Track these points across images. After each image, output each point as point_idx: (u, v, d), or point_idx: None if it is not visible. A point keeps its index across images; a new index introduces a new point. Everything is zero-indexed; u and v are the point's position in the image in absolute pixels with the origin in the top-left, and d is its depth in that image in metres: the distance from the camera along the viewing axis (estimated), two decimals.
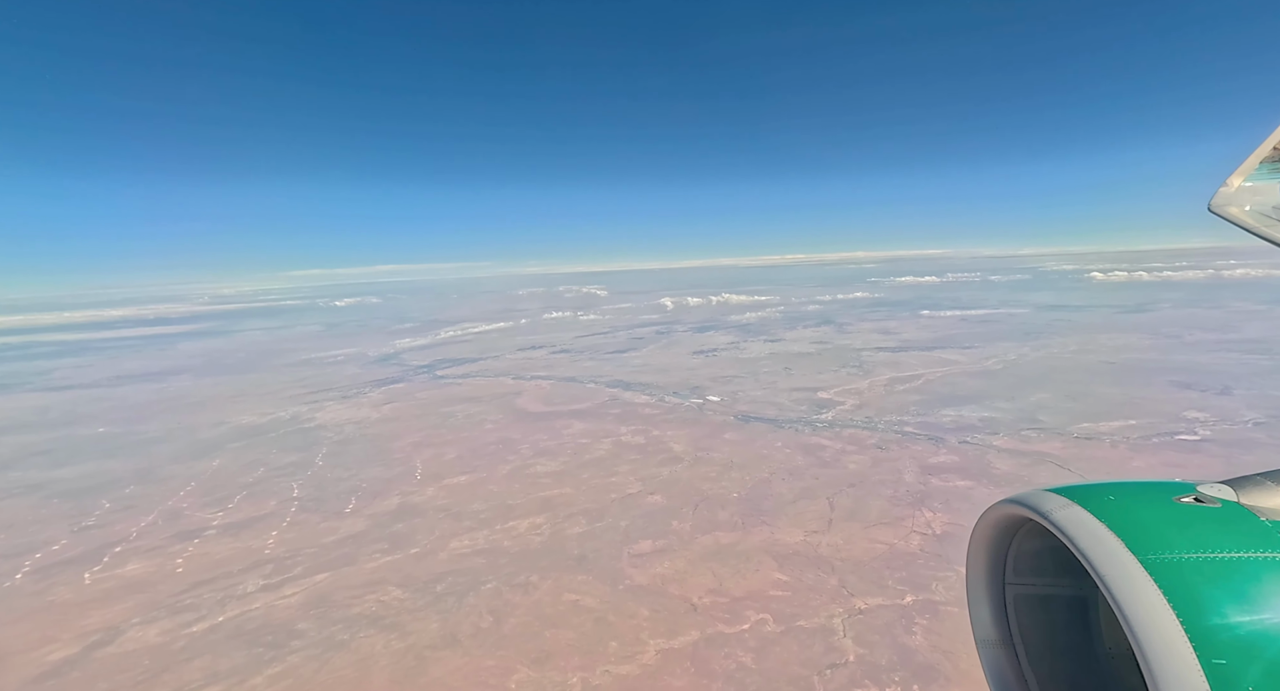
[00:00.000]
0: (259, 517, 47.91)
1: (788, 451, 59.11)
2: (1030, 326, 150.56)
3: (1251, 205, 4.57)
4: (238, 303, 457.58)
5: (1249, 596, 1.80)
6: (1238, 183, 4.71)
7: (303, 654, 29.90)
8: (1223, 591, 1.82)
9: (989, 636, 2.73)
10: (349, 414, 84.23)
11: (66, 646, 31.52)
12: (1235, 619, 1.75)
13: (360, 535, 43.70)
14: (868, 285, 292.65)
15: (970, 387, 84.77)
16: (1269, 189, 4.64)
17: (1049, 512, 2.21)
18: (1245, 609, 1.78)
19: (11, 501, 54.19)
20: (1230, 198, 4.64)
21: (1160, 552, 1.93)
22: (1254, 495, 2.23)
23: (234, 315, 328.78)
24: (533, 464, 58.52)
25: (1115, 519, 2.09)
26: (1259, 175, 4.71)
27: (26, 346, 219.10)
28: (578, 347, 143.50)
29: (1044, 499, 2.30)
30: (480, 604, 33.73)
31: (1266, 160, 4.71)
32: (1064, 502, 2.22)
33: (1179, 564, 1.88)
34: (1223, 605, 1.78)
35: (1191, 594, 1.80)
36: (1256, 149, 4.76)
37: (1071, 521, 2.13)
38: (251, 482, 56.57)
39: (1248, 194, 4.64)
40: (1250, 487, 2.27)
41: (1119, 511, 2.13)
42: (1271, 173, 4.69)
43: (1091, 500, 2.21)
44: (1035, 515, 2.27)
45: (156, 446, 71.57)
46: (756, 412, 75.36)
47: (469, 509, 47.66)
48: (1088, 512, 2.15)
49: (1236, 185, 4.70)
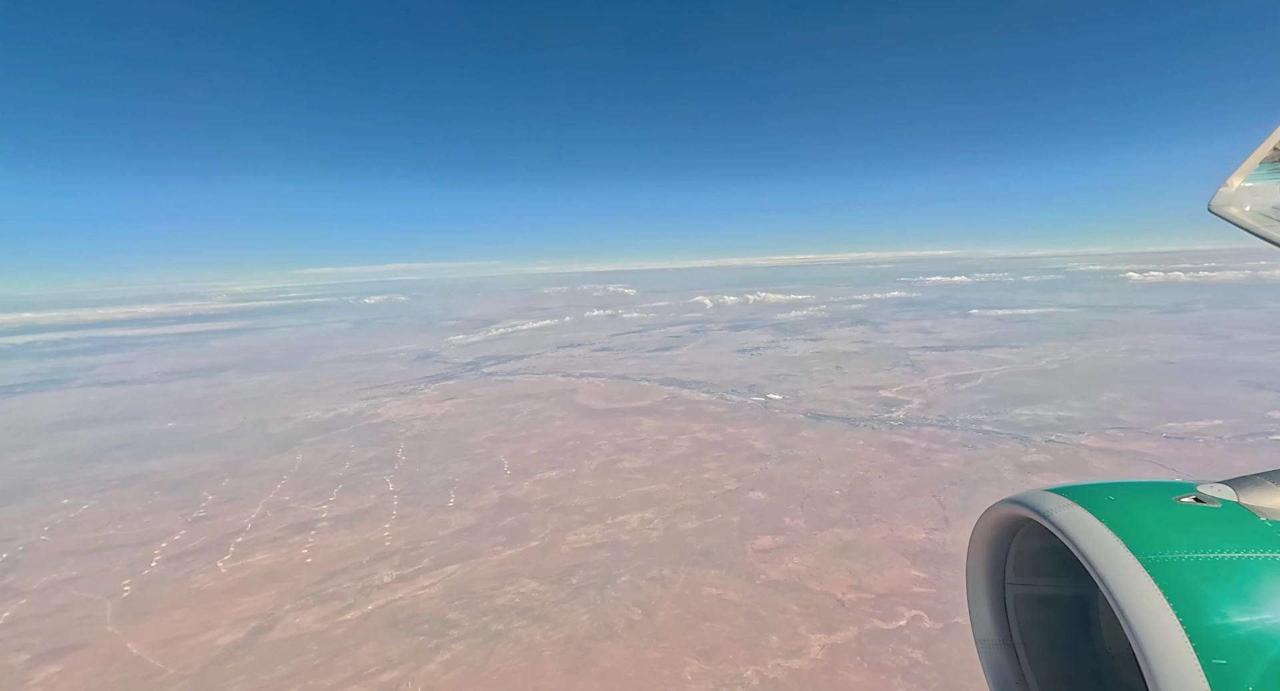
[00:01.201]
0: (365, 511, 48.56)
1: (873, 449, 58.94)
2: (1071, 326, 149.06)
3: (1251, 205, 4.56)
4: (258, 300, 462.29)
5: (1249, 596, 1.80)
6: (1238, 183, 4.68)
7: (465, 642, 30.33)
8: (1223, 591, 1.81)
9: (989, 636, 2.73)
10: (412, 410, 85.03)
11: (229, 631, 32.19)
12: (1235, 619, 1.75)
13: (473, 528, 44.18)
14: (898, 284, 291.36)
15: (1034, 387, 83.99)
16: (1269, 189, 4.62)
17: (1049, 513, 2.21)
18: (1245, 609, 1.77)
19: (114, 493, 55.29)
20: (1230, 198, 4.63)
21: (1160, 552, 1.92)
22: (1254, 495, 2.23)
23: (258, 312, 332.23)
24: (618, 460, 58.81)
25: (1115, 519, 2.08)
26: (1259, 175, 4.69)
27: (62, 343, 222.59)
28: (617, 346, 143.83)
29: (1044, 499, 2.30)
30: (622, 597, 34.01)
31: (1266, 160, 4.69)
32: (1064, 503, 2.23)
33: (1179, 564, 1.88)
34: (1223, 605, 1.78)
35: (1191, 594, 1.80)
36: (1256, 149, 4.74)
37: (1072, 521, 2.13)
38: (343, 477, 57.32)
39: (1248, 194, 4.62)
40: (1250, 487, 2.27)
41: (1119, 511, 2.13)
42: (1271, 173, 4.67)
43: (1091, 500, 2.21)
44: (1035, 515, 2.27)
45: (232, 441, 72.68)
46: (824, 411, 75.17)
47: (572, 503, 48.01)
48: (1088, 513, 2.14)
49: (1236, 185, 4.68)
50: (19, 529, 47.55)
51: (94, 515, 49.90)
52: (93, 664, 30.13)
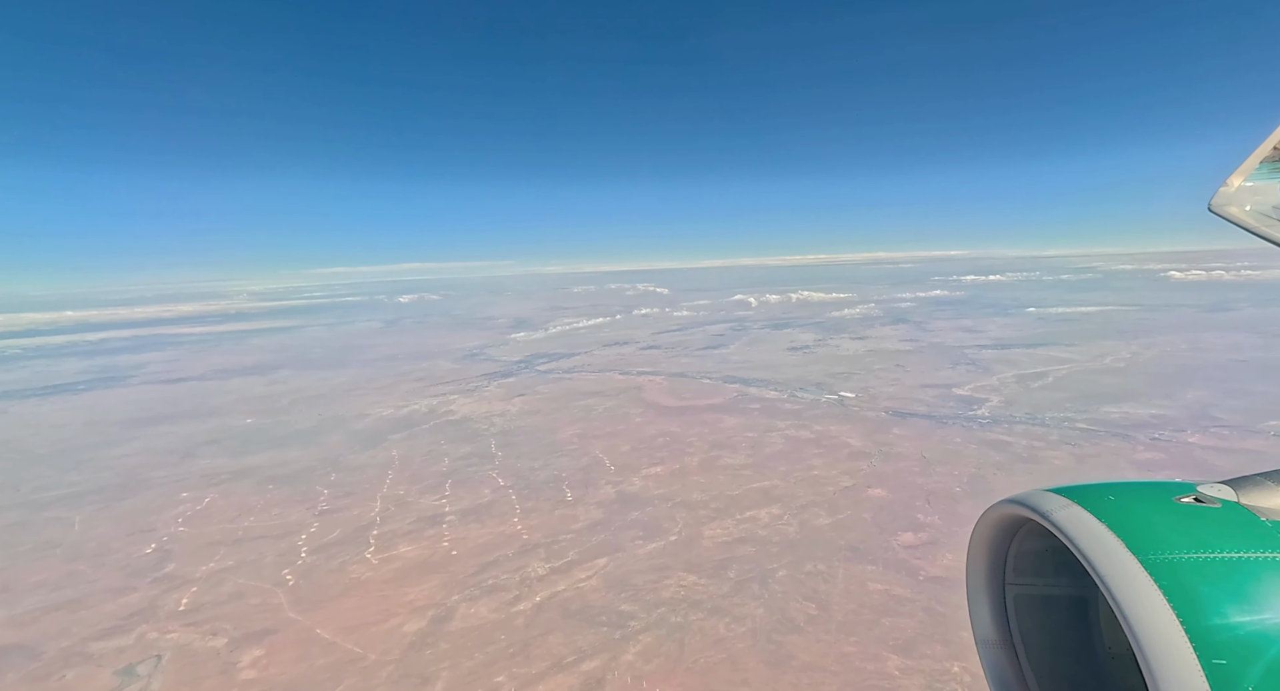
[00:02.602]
0: (485, 505, 49.16)
1: (974, 447, 58.66)
2: (1119, 325, 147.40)
3: (1251, 205, 4.52)
4: (282, 299, 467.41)
5: (1249, 596, 1.79)
6: (1238, 183, 4.64)
7: (650, 634, 30.68)
8: (1223, 591, 1.80)
9: (989, 636, 2.70)
10: (485, 407, 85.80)
11: (410, 620, 32.82)
12: (1235, 619, 1.74)
13: (603, 523, 44.59)
14: (935, 283, 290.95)
15: (1110, 385, 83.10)
16: (1269, 189, 4.58)
17: (1049, 513, 2.20)
18: (1245, 609, 1.76)
19: (227, 487, 56.38)
20: (1230, 198, 4.59)
21: (1160, 552, 1.91)
22: (1254, 495, 2.21)
23: (287, 312, 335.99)
24: (717, 456, 59.01)
25: (1115, 519, 2.07)
26: (1259, 175, 4.65)
27: (102, 342, 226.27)
28: (663, 344, 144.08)
29: (1044, 499, 2.28)
30: (787, 591, 34.21)
31: (1266, 160, 4.65)
32: (1064, 503, 2.21)
33: (1179, 564, 1.87)
34: (1223, 605, 1.77)
35: (1191, 594, 1.79)
36: (1257, 149, 4.69)
37: (1071, 521, 2.11)
38: (448, 471, 58.03)
39: (1248, 194, 4.58)
40: (1250, 487, 2.25)
41: (1119, 511, 2.12)
42: (1271, 173, 4.63)
43: (1091, 500, 2.20)
44: (1035, 515, 2.26)
45: (319, 437, 73.76)
46: (904, 409, 74.87)
47: (691, 499, 48.28)
48: (1088, 513, 2.13)
49: (1237, 185, 4.63)
50: (153, 520, 48.68)
51: (220, 508, 50.94)
52: (291, 648, 30.85)
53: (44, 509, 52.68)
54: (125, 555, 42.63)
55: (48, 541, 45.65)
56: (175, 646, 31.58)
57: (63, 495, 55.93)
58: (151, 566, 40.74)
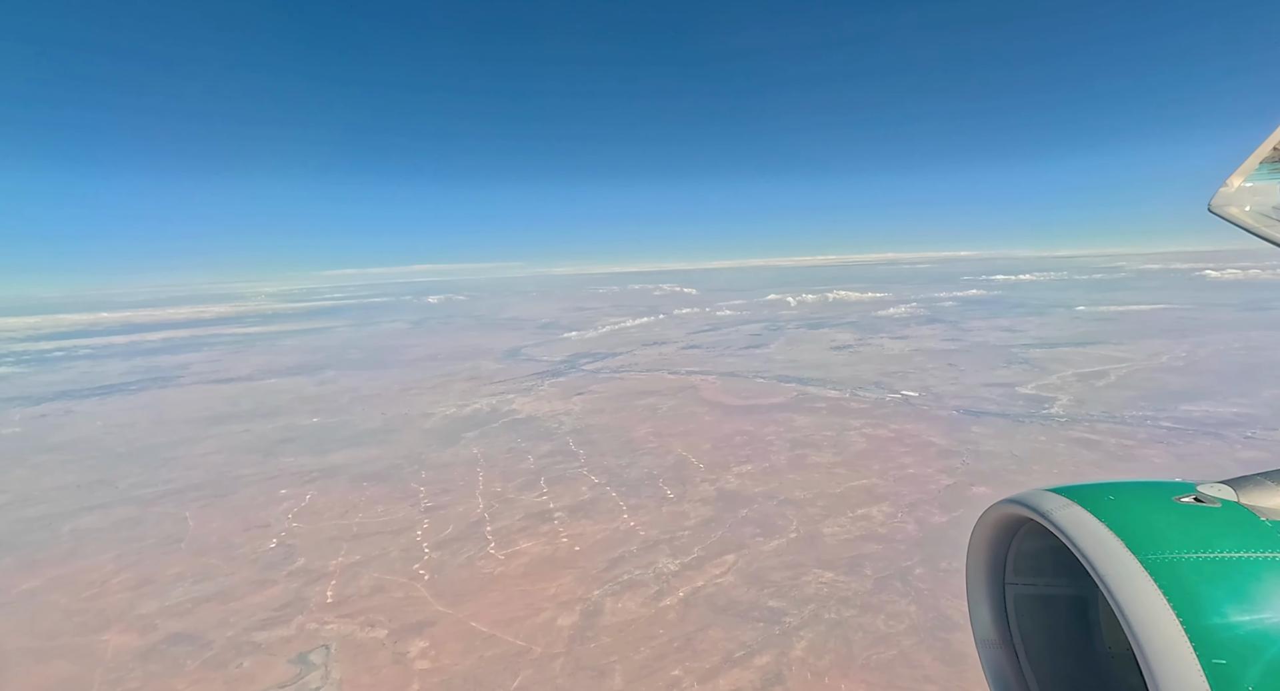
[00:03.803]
0: (588, 502, 49.58)
1: (1062, 445, 58.35)
2: (1160, 324, 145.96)
3: (1251, 205, 4.50)
4: (301, 301, 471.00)
5: (1249, 596, 1.79)
6: (1238, 183, 4.62)
7: (811, 630, 30.89)
8: (1223, 591, 1.79)
9: (989, 636, 2.69)
10: (546, 406, 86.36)
11: (560, 614, 33.25)
12: (1235, 619, 1.74)
13: (716, 519, 44.85)
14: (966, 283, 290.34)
15: (1178, 383, 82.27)
16: (1269, 189, 4.56)
17: (1049, 512, 2.19)
18: (1245, 609, 1.76)
19: (323, 484, 57.22)
20: (1230, 198, 4.57)
21: (1160, 552, 1.91)
22: (1254, 495, 2.20)
23: (310, 314, 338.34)
24: (804, 454, 59.12)
25: (1115, 519, 2.06)
26: (1259, 175, 4.63)
27: (134, 344, 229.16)
28: (704, 343, 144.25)
29: (1044, 499, 2.28)
30: (932, 588, 34.29)
31: (1266, 160, 4.63)
32: (1064, 502, 2.21)
33: (1179, 564, 1.87)
34: (1223, 605, 1.76)
35: (1191, 594, 1.78)
36: (1257, 149, 4.67)
37: (1071, 521, 2.11)
38: (536, 469, 58.56)
39: (1248, 194, 4.56)
40: (1250, 487, 2.24)
41: (1119, 511, 2.11)
42: (1271, 173, 4.61)
43: (1091, 500, 2.19)
44: (1035, 515, 2.25)
45: (392, 435, 74.60)
46: (974, 407, 74.55)
47: (794, 497, 48.43)
48: (1088, 512, 2.12)
49: (1236, 185, 4.62)
50: (263, 517, 49.56)
51: (324, 504, 51.75)
52: (453, 640, 31.38)
53: (150, 505, 53.76)
54: (250, 549, 43.44)
55: (168, 536, 46.61)
56: (338, 637, 32.20)
57: (163, 492, 57.02)
58: (281, 560, 41.50)
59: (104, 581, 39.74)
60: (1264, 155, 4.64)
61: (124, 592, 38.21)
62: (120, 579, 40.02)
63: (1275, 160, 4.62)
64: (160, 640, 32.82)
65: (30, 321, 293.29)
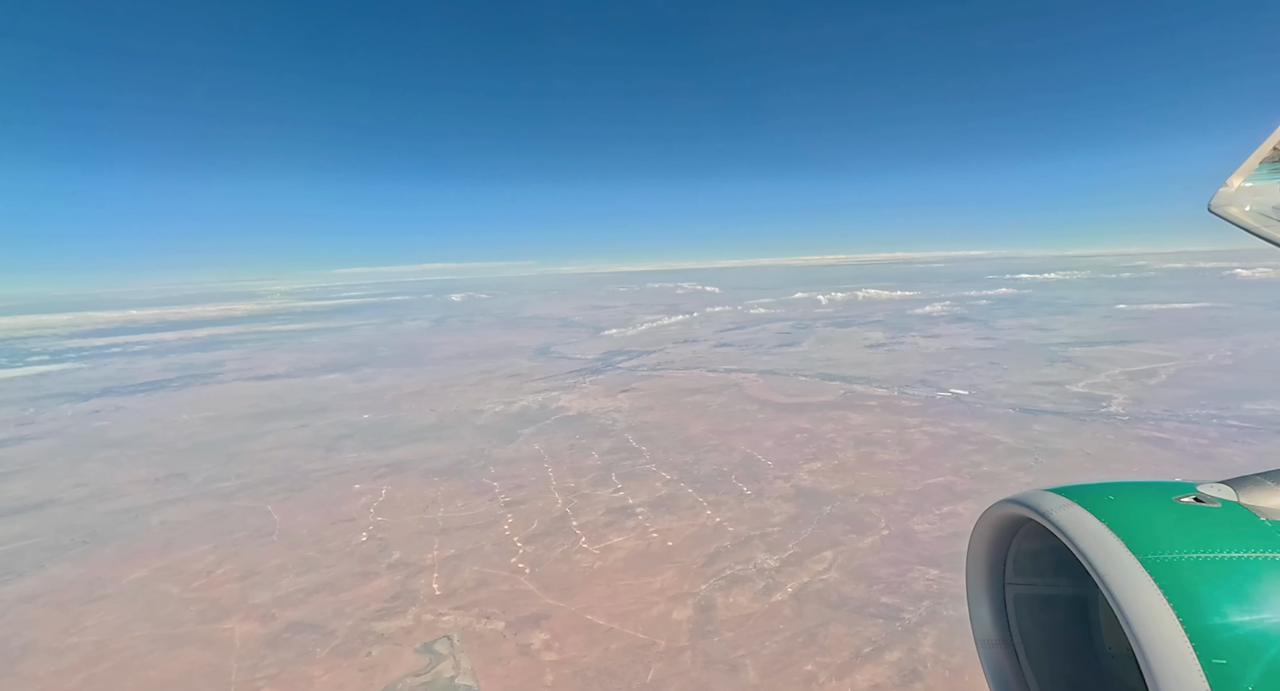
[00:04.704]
0: (666, 498, 49.84)
1: (1133, 444, 57.97)
2: (1196, 322, 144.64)
3: (1251, 205, 4.48)
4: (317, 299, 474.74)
5: (1249, 596, 1.78)
6: (1238, 183, 4.61)
7: (933, 627, 30.99)
8: (1223, 591, 1.79)
9: (989, 636, 2.69)
10: (594, 403, 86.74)
11: (674, 608, 33.55)
12: (1235, 619, 1.73)
13: (803, 516, 44.97)
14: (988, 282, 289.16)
15: (1234, 382, 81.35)
16: (1269, 189, 4.55)
17: (1049, 512, 2.19)
18: (1245, 609, 1.75)
19: (395, 479, 57.88)
20: (1230, 198, 4.55)
21: (1160, 552, 1.90)
22: (1254, 495, 2.19)
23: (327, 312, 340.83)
24: (871, 452, 59.07)
25: (1115, 519, 2.06)
26: (1259, 175, 4.61)
27: (161, 342, 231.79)
28: (734, 342, 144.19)
29: (1044, 499, 2.28)
30: None
31: (1266, 160, 4.61)
32: (1064, 502, 2.20)
33: (1179, 564, 1.86)
34: (1223, 605, 1.76)
35: (1191, 594, 1.78)
36: (1256, 149, 4.64)
37: (1071, 521, 2.10)
38: (604, 465, 58.91)
39: (1248, 194, 4.54)
40: (1250, 487, 2.24)
41: (1119, 511, 2.10)
42: (1271, 173, 4.59)
43: (1091, 500, 2.19)
44: (1035, 515, 2.25)
45: (449, 432, 75.21)
46: (1029, 406, 74.10)
47: (874, 494, 48.44)
48: (1088, 512, 2.12)
49: (1236, 185, 4.60)
50: (346, 511, 50.26)
51: (402, 499, 52.38)
52: (574, 632, 31.75)
53: (230, 499, 54.66)
54: (343, 542, 44.09)
55: (257, 529, 47.39)
56: (457, 628, 32.66)
57: (238, 486, 57.93)
58: (376, 553, 42.10)
59: (209, 572, 40.52)
60: (1264, 155, 4.68)
61: (231, 583, 38.96)
62: (224, 569, 40.79)
63: (1275, 160, 4.66)
64: (282, 629, 33.45)
65: (65, 318, 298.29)
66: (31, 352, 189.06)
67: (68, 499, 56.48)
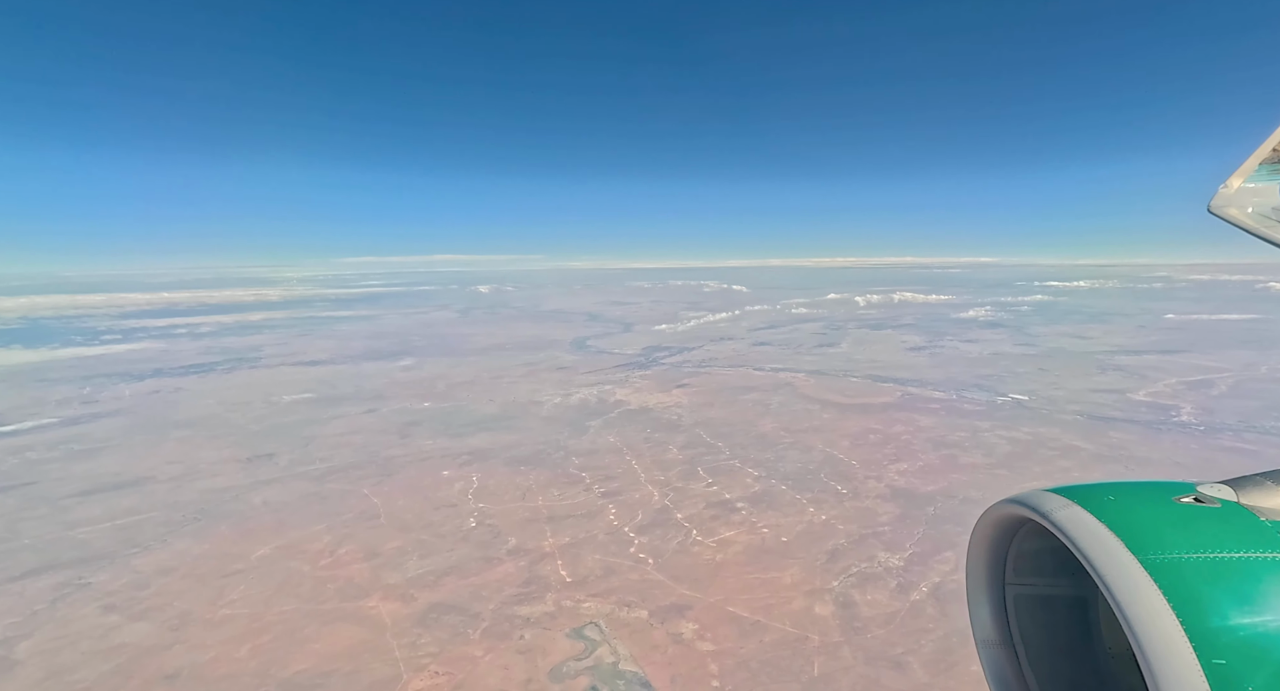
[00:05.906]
0: (761, 494, 50.21)
1: (1223, 455, 57.92)
2: (1233, 334, 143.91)
3: (1252, 206, 4.47)
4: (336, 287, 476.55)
5: (1249, 596, 1.78)
6: (1237, 184, 4.60)
7: None
8: (1223, 591, 1.79)
9: (989, 636, 2.69)
10: (651, 398, 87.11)
11: (809, 602, 33.94)
12: (1235, 619, 1.73)
13: (909, 516, 45.25)
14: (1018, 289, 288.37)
15: None
16: (1269, 190, 4.54)
17: (1049, 513, 2.19)
18: (1245, 609, 1.75)
19: (479, 466, 58.49)
20: (1230, 199, 4.55)
21: (1160, 553, 1.90)
22: (1254, 495, 2.19)
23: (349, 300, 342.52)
24: (952, 455, 59.24)
25: (1115, 519, 2.06)
26: (1259, 176, 4.60)
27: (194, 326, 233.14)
28: (771, 341, 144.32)
29: (1044, 499, 2.27)
30: None
31: (1266, 161, 4.60)
32: (1064, 503, 2.21)
33: (1179, 564, 1.86)
34: (1223, 605, 1.76)
35: (1191, 594, 1.77)
36: (1256, 150, 4.62)
37: (1071, 521, 2.10)
38: (687, 459, 59.31)
39: (1248, 195, 4.53)
40: (1250, 487, 2.24)
41: (1119, 511, 2.11)
42: (1271, 173, 4.58)
43: (1091, 500, 2.19)
44: (1035, 515, 2.25)
45: (515, 421, 75.72)
46: (1095, 413, 74.01)
47: (973, 496, 48.69)
48: (1088, 513, 2.12)
49: (1236, 186, 4.59)
50: (444, 496, 50.89)
51: (496, 486, 52.96)
52: (721, 623, 32.18)
53: (322, 481, 55.42)
54: (454, 527, 44.71)
55: (362, 512, 48.08)
56: (600, 615, 33.17)
57: (325, 470, 58.69)
58: (492, 539, 42.68)
59: (331, 551, 41.21)
60: (1263, 156, 4.69)
61: (357, 563, 39.62)
62: (345, 550, 41.47)
63: (1275, 161, 4.66)
64: (425, 609, 34.05)
65: (99, 298, 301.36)
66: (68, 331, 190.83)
67: (162, 476, 57.39)
